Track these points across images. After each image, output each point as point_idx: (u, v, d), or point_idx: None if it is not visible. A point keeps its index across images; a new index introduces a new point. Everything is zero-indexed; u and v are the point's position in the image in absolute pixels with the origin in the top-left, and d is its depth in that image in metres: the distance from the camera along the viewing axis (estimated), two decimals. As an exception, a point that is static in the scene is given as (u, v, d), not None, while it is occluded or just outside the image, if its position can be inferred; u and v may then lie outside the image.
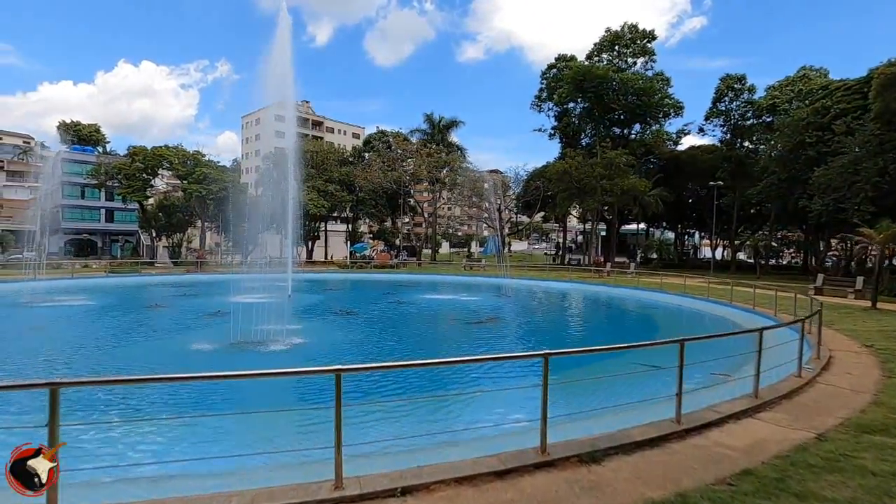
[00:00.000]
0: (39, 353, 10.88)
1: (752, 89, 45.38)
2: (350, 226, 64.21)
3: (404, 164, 55.30)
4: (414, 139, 59.48)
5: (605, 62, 52.81)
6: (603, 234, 58.81)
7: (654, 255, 57.22)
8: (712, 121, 48.26)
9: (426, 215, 61.88)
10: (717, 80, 46.27)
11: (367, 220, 65.65)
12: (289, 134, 27.91)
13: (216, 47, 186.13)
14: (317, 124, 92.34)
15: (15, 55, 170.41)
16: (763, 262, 45.69)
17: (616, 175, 42.62)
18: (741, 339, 8.58)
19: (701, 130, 50.12)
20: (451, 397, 7.71)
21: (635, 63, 53.30)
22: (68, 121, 68.46)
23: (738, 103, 46.14)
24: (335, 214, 58.35)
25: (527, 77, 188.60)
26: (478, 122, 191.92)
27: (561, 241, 67.46)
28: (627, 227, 63.77)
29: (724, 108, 46.79)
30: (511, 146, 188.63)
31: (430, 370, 8.98)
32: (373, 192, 53.23)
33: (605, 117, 51.78)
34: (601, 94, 48.88)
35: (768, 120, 42.82)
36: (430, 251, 59.81)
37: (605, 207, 48.23)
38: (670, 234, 66.81)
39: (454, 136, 60.30)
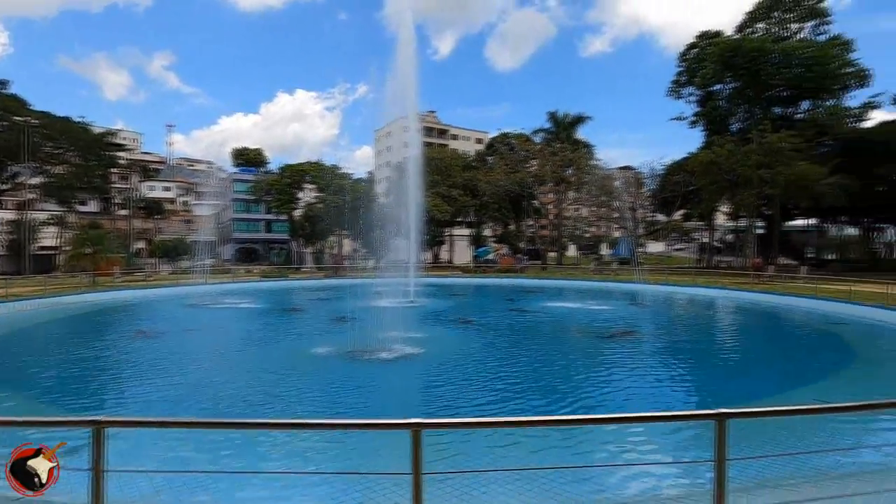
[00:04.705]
0: (174, 355, 12.09)
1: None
2: (474, 230, 64.46)
3: (527, 165, 53.74)
4: (537, 139, 57.52)
5: (760, 33, 45.45)
6: (760, 231, 50.65)
7: (832, 256, 47.57)
8: (915, 87, 38.49)
9: (551, 217, 59.39)
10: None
11: (491, 224, 65.33)
12: (413, 143, 28.68)
13: (355, 70, 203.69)
14: (441, 132, 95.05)
15: (203, 96, 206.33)
16: None
17: (778, 162, 36.10)
18: None
19: (898, 101, 40.38)
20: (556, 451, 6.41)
21: (801, 29, 44.95)
22: (238, 147, 79.62)
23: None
24: (459, 219, 58.93)
25: (659, 63, 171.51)
26: (606, 116, 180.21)
27: (706, 241, 59.80)
28: (792, 223, 54.10)
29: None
30: (644, 139, 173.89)
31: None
32: (496, 195, 52.60)
33: (761, 96, 44.45)
34: (756, 71, 41.88)
35: None
36: (555, 254, 57.27)
37: (764, 201, 41.21)
38: (852, 230, 55.12)
39: (580, 134, 57.00)
